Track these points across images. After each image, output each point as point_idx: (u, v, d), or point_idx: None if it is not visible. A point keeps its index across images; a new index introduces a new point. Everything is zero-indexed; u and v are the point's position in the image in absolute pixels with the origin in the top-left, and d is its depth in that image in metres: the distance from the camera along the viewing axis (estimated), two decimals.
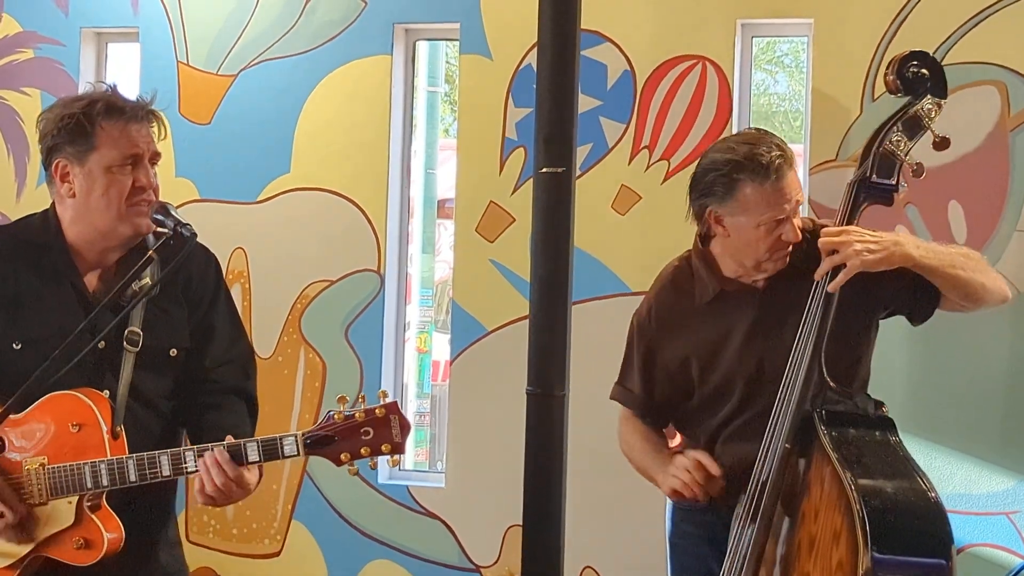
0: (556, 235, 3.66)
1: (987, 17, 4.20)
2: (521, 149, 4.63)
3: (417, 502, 4.77)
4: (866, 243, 2.64)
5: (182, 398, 2.72)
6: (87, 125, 2.57)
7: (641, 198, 4.53)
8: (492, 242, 4.68)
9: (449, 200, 7.00)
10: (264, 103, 4.90)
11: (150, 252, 2.59)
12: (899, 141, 2.71)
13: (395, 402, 2.48)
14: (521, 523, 3.73)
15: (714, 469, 2.74)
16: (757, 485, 2.66)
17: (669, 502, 3.07)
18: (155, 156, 2.65)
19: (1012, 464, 4.15)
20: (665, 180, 4.50)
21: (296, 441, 2.47)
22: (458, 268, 4.80)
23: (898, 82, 2.74)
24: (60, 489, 2.52)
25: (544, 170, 3.64)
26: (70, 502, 2.52)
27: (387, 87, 4.81)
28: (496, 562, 4.67)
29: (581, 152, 4.27)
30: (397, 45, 4.84)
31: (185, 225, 2.58)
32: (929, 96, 2.74)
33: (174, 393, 2.71)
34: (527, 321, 3.74)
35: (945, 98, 2.75)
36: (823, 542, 2.50)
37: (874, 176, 2.72)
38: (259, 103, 4.91)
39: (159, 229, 2.62)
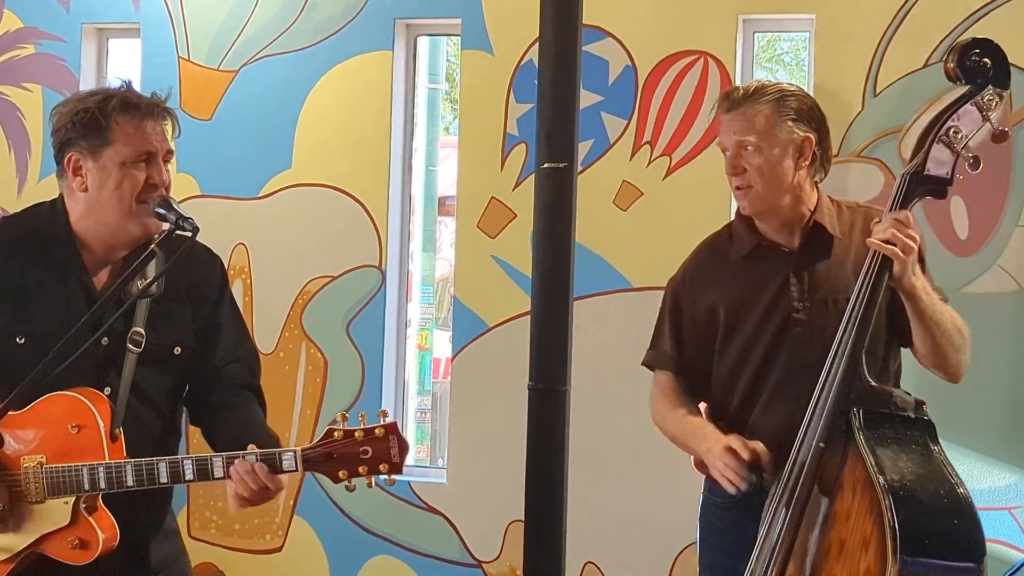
0: (558, 231, 3.65)
1: (988, 12, 4.19)
2: (522, 145, 4.63)
3: (419, 498, 4.78)
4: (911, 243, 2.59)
5: (193, 397, 2.74)
6: (102, 120, 2.57)
7: (643, 194, 4.52)
8: (493, 238, 4.68)
9: (449, 198, 6.99)
10: (265, 99, 4.90)
11: (152, 246, 2.58)
12: (956, 133, 2.59)
13: (395, 422, 2.49)
14: (523, 519, 3.72)
15: (745, 454, 2.66)
16: (791, 475, 2.61)
17: (702, 499, 3.04)
18: (168, 154, 2.65)
19: (1014, 459, 4.15)
20: (667, 176, 4.50)
21: (295, 457, 2.47)
22: (459, 264, 4.80)
23: (958, 70, 2.61)
24: (57, 489, 2.52)
25: (546, 166, 3.63)
26: (67, 502, 2.52)
27: (388, 83, 4.81)
28: (498, 557, 4.67)
29: (583, 148, 4.27)
30: (398, 41, 4.83)
31: (187, 219, 2.58)
32: (990, 87, 2.60)
33: (176, 391, 2.71)
34: (528, 317, 3.73)
35: (1007, 88, 2.62)
36: (852, 546, 2.47)
37: (928, 169, 2.61)
38: (260, 99, 4.91)
39: (163, 224, 2.62)
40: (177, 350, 2.67)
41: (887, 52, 4.25)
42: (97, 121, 2.57)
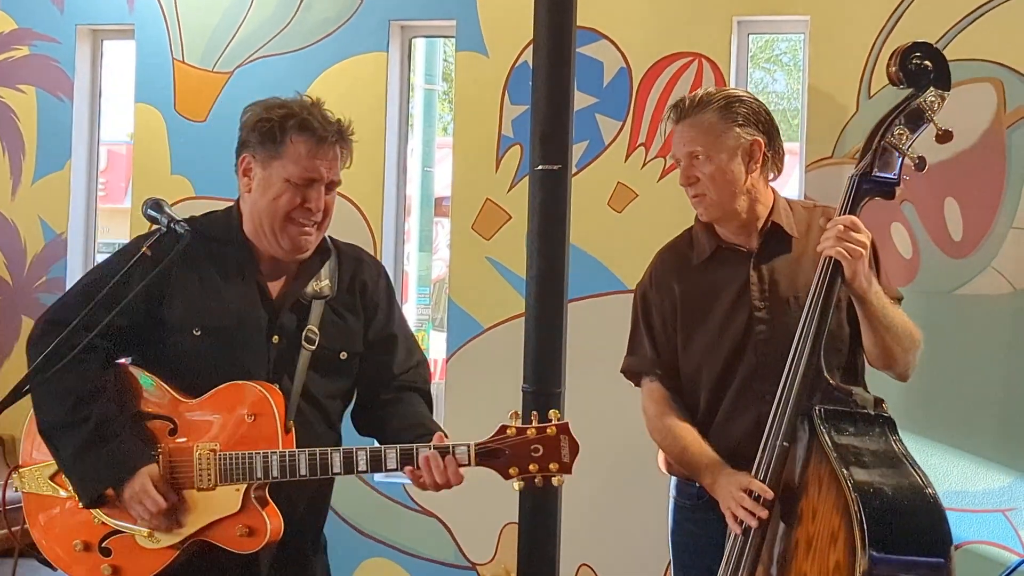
0: (552, 232, 3.65)
1: (983, 14, 4.19)
2: (517, 146, 4.62)
3: (413, 500, 4.77)
4: (859, 245, 2.63)
5: (364, 400, 2.81)
6: (279, 134, 2.67)
7: (637, 195, 4.52)
8: (488, 239, 4.67)
9: (446, 198, 6.99)
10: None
11: (144, 249, 2.61)
12: (901, 134, 2.68)
13: (566, 423, 2.54)
14: (517, 521, 3.72)
15: (768, 494, 2.62)
16: (757, 476, 2.63)
17: (671, 501, 3.05)
18: (332, 184, 2.72)
19: (1009, 461, 4.15)
20: (661, 177, 4.49)
21: (469, 450, 2.53)
22: (454, 266, 4.79)
23: (900, 74, 2.71)
24: (229, 476, 2.56)
25: (540, 167, 3.63)
26: (237, 490, 2.56)
27: (383, 84, 4.81)
28: (492, 560, 4.66)
29: (577, 149, 4.27)
30: (393, 42, 4.83)
31: (179, 222, 2.61)
32: (932, 88, 2.69)
33: (342, 397, 2.78)
34: (523, 319, 3.73)
35: (948, 90, 2.71)
36: (820, 542, 2.49)
37: (875, 170, 2.69)
38: (255, 100, 4.88)
39: (153, 226, 2.64)
40: (343, 355, 2.74)
41: (882, 53, 4.25)
42: (274, 134, 2.67)
